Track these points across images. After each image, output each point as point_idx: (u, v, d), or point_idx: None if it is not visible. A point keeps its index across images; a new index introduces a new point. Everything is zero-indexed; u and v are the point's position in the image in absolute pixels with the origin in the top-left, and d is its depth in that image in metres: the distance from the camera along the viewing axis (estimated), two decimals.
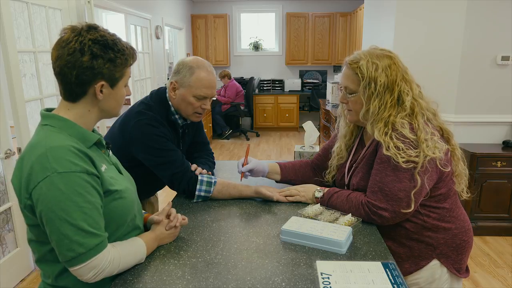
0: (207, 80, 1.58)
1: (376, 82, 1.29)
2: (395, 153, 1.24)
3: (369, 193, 1.33)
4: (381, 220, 1.31)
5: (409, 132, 1.25)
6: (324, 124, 4.88)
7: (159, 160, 1.57)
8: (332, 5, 7.58)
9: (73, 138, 1.02)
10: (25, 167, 0.97)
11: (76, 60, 0.99)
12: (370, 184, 1.34)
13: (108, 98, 1.07)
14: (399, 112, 1.30)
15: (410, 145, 1.24)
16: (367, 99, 1.32)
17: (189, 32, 7.55)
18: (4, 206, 2.58)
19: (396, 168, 1.26)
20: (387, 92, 1.30)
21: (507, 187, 3.18)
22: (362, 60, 1.31)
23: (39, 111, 1.08)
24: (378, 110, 1.30)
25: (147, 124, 1.56)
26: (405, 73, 1.34)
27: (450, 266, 1.37)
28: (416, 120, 1.29)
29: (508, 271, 2.77)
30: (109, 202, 1.06)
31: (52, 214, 0.94)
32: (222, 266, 1.11)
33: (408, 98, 1.30)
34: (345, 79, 1.38)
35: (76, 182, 0.96)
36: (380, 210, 1.29)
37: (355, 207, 1.36)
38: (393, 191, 1.26)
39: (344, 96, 1.41)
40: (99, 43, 1.01)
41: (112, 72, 1.04)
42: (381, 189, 1.29)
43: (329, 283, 1.02)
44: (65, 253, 0.95)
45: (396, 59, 1.34)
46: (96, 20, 3.28)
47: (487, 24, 3.22)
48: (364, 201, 1.34)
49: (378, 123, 1.31)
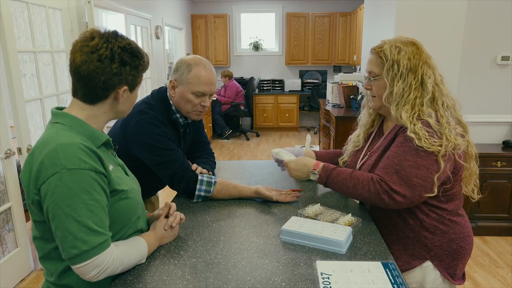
0: (205, 76, 1.58)
1: (399, 64, 1.31)
2: (420, 135, 1.23)
3: (383, 173, 1.28)
4: (392, 202, 1.26)
5: (433, 122, 1.25)
6: (324, 124, 4.88)
7: (159, 160, 1.57)
8: (332, 5, 7.58)
9: (82, 136, 1.04)
10: (35, 163, 0.98)
11: (106, 67, 1.03)
12: (385, 165, 1.29)
13: (126, 101, 1.12)
14: (422, 96, 1.30)
15: (434, 135, 1.24)
16: (390, 81, 1.33)
17: (189, 32, 7.55)
18: (4, 206, 2.57)
19: (416, 154, 1.24)
20: (411, 74, 1.31)
21: (507, 187, 3.18)
22: (386, 44, 1.35)
23: (50, 109, 1.10)
24: (403, 92, 1.31)
25: (148, 123, 1.56)
26: (428, 58, 1.35)
27: (443, 270, 1.35)
28: (438, 107, 1.29)
29: (508, 271, 2.77)
30: (115, 202, 1.07)
31: (59, 210, 0.95)
32: (222, 266, 1.11)
33: (430, 81, 1.31)
34: (370, 64, 1.40)
35: (84, 179, 0.97)
36: (394, 193, 1.25)
37: (361, 183, 1.30)
38: (410, 176, 1.24)
39: (368, 82, 1.42)
40: (128, 51, 1.06)
41: (135, 77, 1.10)
42: (397, 171, 1.25)
43: (329, 283, 1.02)
44: (69, 250, 0.96)
45: (420, 45, 1.36)
46: (96, 20, 3.28)
47: (487, 24, 3.22)
48: (376, 178, 1.28)
49: (405, 105, 1.30)
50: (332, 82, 5.28)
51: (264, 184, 1.71)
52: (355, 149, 1.57)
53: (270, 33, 8.01)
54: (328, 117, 4.65)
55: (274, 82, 7.85)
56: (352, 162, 1.55)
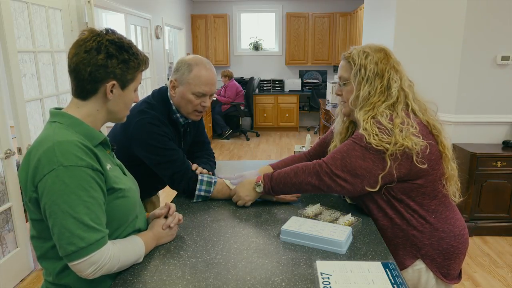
0: (205, 77, 1.58)
1: (366, 68, 1.33)
2: (369, 133, 1.26)
3: (328, 158, 1.34)
4: (334, 184, 1.31)
5: (386, 120, 1.28)
6: (324, 124, 4.88)
7: (160, 159, 1.57)
8: (332, 5, 7.58)
9: (79, 135, 1.04)
10: (32, 160, 0.99)
11: (92, 58, 1.03)
12: (333, 152, 1.35)
13: (117, 100, 1.10)
14: (386, 100, 1.32)
15: (384, 132, 1.26)
16: (357, 84, 1.35)
17: (189, 32, 7.55)
18: (4, 206, 2.58)
19: (365, 148, 1.27)
20: (377, 78, 1.34)
21: (507, 187, 3.18)
22: (354, 50, 1.39)
23: (49, 110, 1.10)
24: (368, 95, 1.33)
25: (149, 123, 1.56)
26: (397, 64, 1.38)
27: (436, 270, 1.34)
28: (396, 109, 1.31)
29: (508, 271, 2.77)
30: (112, 200, 1.07)
31: (56, 206, 0.95)
32: (222, 266, 1.11)
33: (396, 85, 1.33)
34: (340, 70, 1.44)
35: (81, 176, 0.97)
36: (335, 176, 1.30)
37: (302, 170, 1.37)
38: (354, 166, 1.28)
39: (338, 87, 1.46)
40: (116, 44, 1.05)
41: (124, 73, 1.08)
42: (343, 158, 1.30)
43: (329, 283, 1.02)
44: (66, 247, 0.96)
45: (388, 51, 1.39)
46: (96, 20, 3.28)
47: (487, 24, 3.22)
48: (319, 162, 1.35)
49: (366, 107, 1.33)
50: (332, 82, 5.28)
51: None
52: None
53: (270, 33, 8.01)
54: (328, 117, 4.66)
55: (274, 82, 7.85)
56: None
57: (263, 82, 7.86)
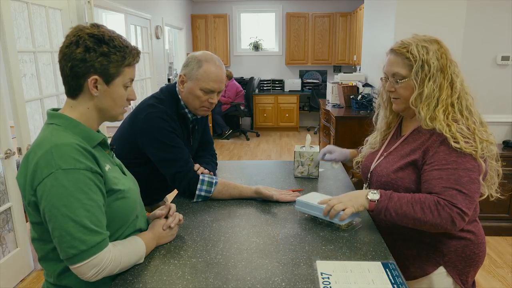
0: (214, 73, 1.57)
1: (430, 64, 1.27)
2: (457, 137, 1.20)
3: (446, 196, 1.18)
4: (462, 224, 1.18)
5: (466, 124, 1.25)
6: (324, 124, 4.88)
7: (164, 156, 1.57)
8: (332, 5, 7.58)
9: (77, 137, 1.03)
10: (30, 164, 0.98)
11: (71, 52, 1.01)
12: (442, 188, 1.19)
13: (104, 96, 1.07)
14: (452, 95, 1.28)
15: (469, 136, 1.22)
16: (420, 82, 1.28)
17: (189, 32, 7.55)
18: (4, 206, 2.57)
19: (464, 165, 1.20)
20: (441, 74, 1.28)
21: (507, 187, 3.18)
22: (411, 45, 1.29)
23: (46, 111, 1.09)
24: (433, 92, 1.27)
25: (157, 117, 1.55)
26: (450, 54, 1.33)
27: (456, 277, 1.31)
28: (463, 108, 1.29)
29: (508, 271, 2.77)
30: (112, 202, 1.07)
31: (55, 210, 0.94)
32: (222, 266, 1.11)
33: (459, 80, 1.30)
34: (394, 66, 1.33)
35: (80, 179, 0.96)
36: (466, 215, 1.17)
37: (429, 208, 1.18)
38: (471, 193, 1.18)
39: (391, 84, 1.35)
40: (94, 37, 1.02)
41: (105, 67, 1.03)
42: (459, 191, 1.18)
43: (329, 283, 1.02)
44: (67, 250, 0.95)
45: (442, 42, 1.33)
46: (96, 20, 3.28)
47: (487, 24, 3.22)
48: (443, 202, 1.17)
49: (437, 106, 1.27)
50: (332, 82, 5.28)
51: (264, 184, 1.71)
52: (372, 150, 1.53)
53: (270, 33, 8.00)
54: (328, 117, 4.65)
55: (274, 82, 7.85)
56: (367, 163, 1.51)
57: (263, 82, 7.86)
